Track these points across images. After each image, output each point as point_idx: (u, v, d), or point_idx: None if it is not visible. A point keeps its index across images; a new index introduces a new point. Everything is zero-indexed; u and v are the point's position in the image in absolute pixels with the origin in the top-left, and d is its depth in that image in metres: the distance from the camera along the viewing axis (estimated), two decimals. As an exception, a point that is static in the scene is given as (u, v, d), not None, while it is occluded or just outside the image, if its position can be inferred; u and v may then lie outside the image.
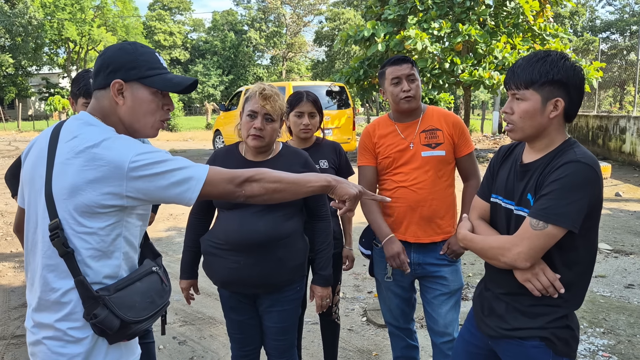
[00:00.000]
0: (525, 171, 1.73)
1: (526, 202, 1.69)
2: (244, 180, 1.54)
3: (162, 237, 6.62)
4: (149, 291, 1.56)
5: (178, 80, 1.56)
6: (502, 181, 1.83)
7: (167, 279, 1.69)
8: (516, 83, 1.67)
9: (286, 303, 2.33)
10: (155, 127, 1.59)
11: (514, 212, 1.74)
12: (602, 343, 3.63)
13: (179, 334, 3.86)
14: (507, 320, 1.75)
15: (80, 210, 1.43)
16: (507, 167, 1.83)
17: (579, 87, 1.65)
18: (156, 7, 59.27)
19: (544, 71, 1.62)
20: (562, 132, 1.70)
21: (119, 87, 1.50)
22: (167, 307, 1.68)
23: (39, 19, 38.26)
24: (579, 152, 1.64)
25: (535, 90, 1.64)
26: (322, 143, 2.89)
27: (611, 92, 22.08)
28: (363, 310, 4.26)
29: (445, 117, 2.62)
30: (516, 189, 1.74)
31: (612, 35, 47.18)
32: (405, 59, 2.57)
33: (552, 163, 1.65)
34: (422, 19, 13.32)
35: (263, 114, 2.22)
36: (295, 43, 57.83)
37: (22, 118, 34.55)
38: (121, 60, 1.51)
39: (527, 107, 1.65)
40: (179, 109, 29.20)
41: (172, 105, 1.61)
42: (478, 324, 1.89)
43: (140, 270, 1.58)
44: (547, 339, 1.68)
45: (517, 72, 1.67)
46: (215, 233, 2.30)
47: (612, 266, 5.30)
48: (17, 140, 22.04)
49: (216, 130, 16.30)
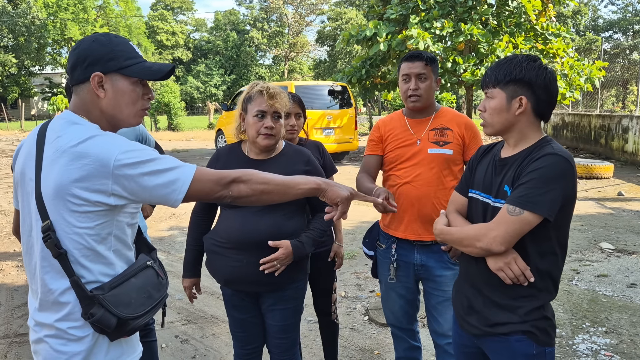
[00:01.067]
0: (503, 165, 1.83)
1: (503, 193, 1.77)
2: (231, 180, 1.52)
3: (164, 236, 6.63)
4: (145, 286, 1.56)
5: (157, 68, 1.55)
6: (480, 177, 1.92)
7: (164, 272, 1.69)
8: (486, 82, 1.83)
9: (288, 301, 2.34)
10: (138, 116, 1.57)
11: (491, 205, 1.82)
12: (605, 342, 3.63)
13: (182, 332, 3.87)
14: (487, 316, 1.81)
15: (69, 210, 1.42)
16: (485, 164, 1.93)
17: (545, 87, 1.74)
18: (158, 7, 59.34)
19: (507, 71, 1.76)
20: (535, 129, 1.80)
21: (99, 80, 1.48)
22: (165, 299, 1.68)
23: (42, 18, 38.35)
24: (556, 147, 1.74)
25: (501, 88, 1.78)
26: (306, 143, 2.93)
27: (614, 91, 22.04)
28: (365, 309, 4.26)
29: (457, 118, 2.62)
30: (494, 183, 1.83)
31: (615, 34, 47.08)
32: (420, 55, 2.53)
33: (529, 157, 1.74)
34: (424, 18, 13.30)
35: (272, 113, 2.23)
36: (297, 43, 57.83)
37: (25, 118, 34.60)
38: (98, 52, 1.48)
39: (494, 104, 1.80)
40: (181, 109, 29.20)
41: (151, 94, 1.60)
42: (461, 324, 1.94)
43: (135, 266, 1.57)
44: (529, 331, 1.75)
45: (488, 73, 1.83)
46: (217, 231, 2.31)
47: (615, 265, 5.30)
48: (20, 140, 22.06)
49: (218, 130, 16.32)
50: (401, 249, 2.63)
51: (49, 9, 40.40)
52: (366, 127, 26.19)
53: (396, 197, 2.55)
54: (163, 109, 28.51)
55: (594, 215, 7.52)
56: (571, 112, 17.00)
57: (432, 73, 2.55)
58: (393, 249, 2.64)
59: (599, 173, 10.44)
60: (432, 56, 2.55)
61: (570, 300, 4.39)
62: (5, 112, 34.87)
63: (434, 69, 2.57)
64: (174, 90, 29.26)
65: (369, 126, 26.14)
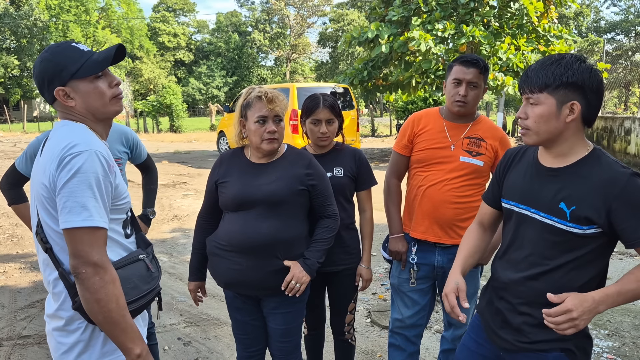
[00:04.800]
0: (553, 176, 1.67)
1: (559, 211, 1.63)
2: (93, 263, 1.47)
3: (166, 238, 6.64)
4: (131, 277, 1.62)
5: (104, 56, 1.61)
6: (516, 185, 1.78)
7: (156, 266, 1.76)
8: (530, 87, 1.63)
9: (290, 305, 2.33)
10: (112, 105, 1.65)
11: (539, 219, 1.68)
12: (607, 345, 3.63)
13: (184, 335, 3.87)
14: (526, 334, 1.71)
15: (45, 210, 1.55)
16: (522, 171, 1.79)
17: (596, 89, 1.59)
18: (160, 9, 59.42)
19: (558, 74, 1.58)
20: (582, 137, 1.66)
21: (64, 93, 1.59)
22: (155, 292, 1.73)
23: (44, 20, 38.44)
24: (618, 161, 1.63)
25: (550, 93, 1.60)
26: (342, 149, 2.71)
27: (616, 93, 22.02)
28: (367, 311, 4.27)
29: (493, 130, 2.60)
30: (542, 195, 1.68)
31: (617, 36, 47.06)
32: (476, 63, 2.48)
33: (590, 171, 1.61)
34: (426, 20, 13.31)
35: (273, 117, 2.23)
36: (299, 44, 57.89)
37: (28, 119, 34.66)
38: (49, 70, 1.58)
39: (541, 111, 1.61)
40: (183, 111, 29.22)
41: (117, 80, 1.67)
42: (490, 336, 1.85)
43: (126, 258, 1.64)
44: (568, 349, 1.68)
45: (531, 76, 1.63)
46: (219, 234, 2.32)
47: (617, 268, 5.29)
48: (22, 141, 22.12)
49: (220, 132, 16.31)
50: (421, 252, 2.63)
51: (52, 11, 40.51)
52: (368, 128, 26.19)
53: (420, 198, 2.60)
54: (165, 110, 28.53)
55: (596, 217, 7.50)
56: (573, 113, 16.94)
57: (483, 82, 2.53)
58: (413, 252, 2.65)
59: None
60: (486, 64, 2.52)
61: (573, 302, 4.39)
62: (7, 113, 34.94)
63: (485, 78, 2.54)
64: (176, 92, 29.27)
65: (370, 128, 26.13)
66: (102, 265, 1.48)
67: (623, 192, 1.55)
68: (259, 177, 2.26)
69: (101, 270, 1.48)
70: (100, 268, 1.48)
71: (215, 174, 2.38)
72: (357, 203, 2.78)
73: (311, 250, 2.29)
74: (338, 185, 2.56)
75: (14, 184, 2.60)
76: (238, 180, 2.28)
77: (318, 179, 2.33)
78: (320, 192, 2.33)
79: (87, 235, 1.47)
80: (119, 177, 1.63)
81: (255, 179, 2.26)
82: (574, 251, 1.63)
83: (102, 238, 1.51)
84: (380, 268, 5.29)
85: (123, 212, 1.67)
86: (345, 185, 2.64)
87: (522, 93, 1.68)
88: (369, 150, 17.33)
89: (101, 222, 1.50)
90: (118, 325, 1.51)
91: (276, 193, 2.22)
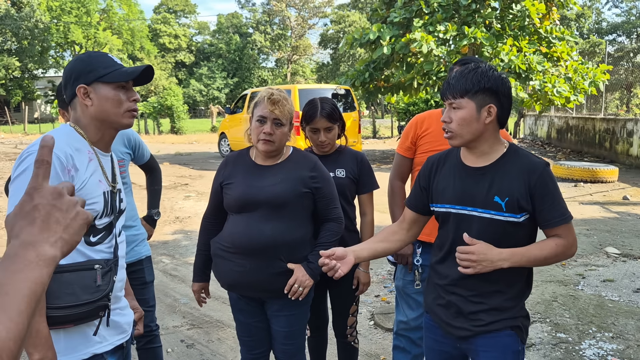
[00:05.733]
0: (482, 174, 1.84)
1: (494, 204, 1.80)
2: None
3: (168, 240, 6.63)
4: (72, 283, 1.60)
5: (132, 70, 1.70)
6: (447, 189, 1.91)
7: (108, 280, 1.69)
8: (452, 93, 1.81)
9: (294, 308, 2.32)
10: (126, 117, 1.71)
11: (477, 216, 1.83)
12: (611, 348, 3.61)
13: (187, 337, 3.86)
14: (481, 318, 1.86)
15: None
16: (448, 175, 1.93)
17: (507, 94, 1.81)
18: (161, 10, 59.49)
19: (476, 80, 1.77)
20: (498, 136, 1.87)
21: (84, 91, 1.66)
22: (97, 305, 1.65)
23: (46, 22, 38.51)
24: (535, 155, 1.87)
25: (470, 98, 1.78)
26: (344, 151, 2.73)
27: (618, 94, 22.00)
28: (370, 314, 4.25)
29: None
30: (475, 194, 1.84)
31: (619, 37, 47.02)
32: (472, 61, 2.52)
33: (512, 165, 1.82)
34: (427, 21, 13.30)
35: (272, 119, 2.22)
36: (300, 46, 57.93)
37: (29, 121, 34.68)
38: (78, 68, 1.67)
39: (463, 114, 1.79)
40: (184, 112, 29.24)
41: (136, 96, 1.74)
42: (445, 329, 1.96)
43: (77, 263, 1.63)
44: (517, 327, 1.86)
45: (452, 83, 1.81)
46: (223, 236, 2.31)
47: (621, 270, 5.28)
48: (24, 143, 22.13)
49: (221, 133, 16.32)
50: (426, 254, 2.64)
51: (53, 12, 40.57)
52: (369, 130, 26.18)
53: None
54: (166, 112, 28.56)
55: (599, 219, 7.50)
56: (575, 115, 16.96)
57: None
58: (418, 253, 2.67)
59: (603, 177, 10.40)
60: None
61: (577, 305, 4.38)
62: (8, 115, 34.97)
63: None
64: (177, 94, 29.31)
65: (372, 130, 26.13)
66: None
67: (540, 178, 1.77)
68: (263, 178, 2.26)
69: None
70: None
71: (221, 176, 2.38)
72: (359, 206, 2.77)
73: (315, 254, 2.27)
74: (339, 186, 2.56)
75: None
76: (242, 182, 2.27)
77: (323, 181, 2.32)
78: (325, 195, 2.32)
79: None
80: (85, 183, 1.63)
81: (259, 180, 2.26)
82: (511, 239, 1.81)
83: None
84: (383, 270, 5.28)
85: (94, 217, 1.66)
86: (346, 187, 2.64)
87: (444, 99, 1.85)
88: (371, 152, 17.32)
89: None
90: None
91: (279, 195, 2.21)
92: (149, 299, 2.78)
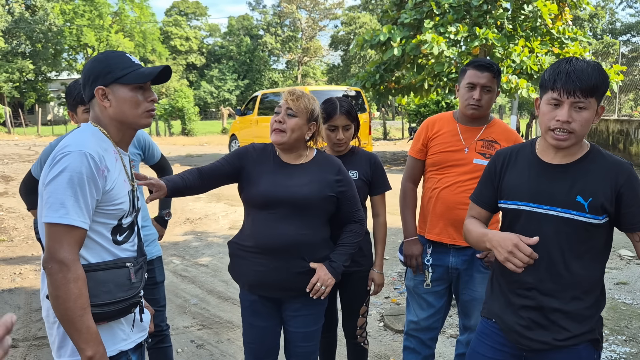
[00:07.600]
0: (563, 172, 1.72)
1: (576, 205, 1.68)
2: (59, 260, 1.53)
3: (179, 241, 6.66)
4: (107, 282, 1.63)
5: (149, 71, 1.71)
6: (520, 186, 1.78)
7: (140, 277, 1.75)
8: (582, 91, 1.60)
9: (312, 307, 2.31)
10: (144, 117, 1.73)
11: (555, 215, 1.71)
12: (624, 351, 3.57)
13: (197, 337, 3.88)
14: (560, 331, 1.75)
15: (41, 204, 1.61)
16: (522, 171, 1.80)
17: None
18: (173, 13, 59.90)
19: (601, 80, 1.63)
20: None
21: (102, 93, 1.67)
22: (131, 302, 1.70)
23: (59, 25, 38.93)
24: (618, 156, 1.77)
25: (596, 98, 1.64)
26: (357, 152, 2.73)
27: (632, 95, 21.78)
28: (380, 315, 4.24)
29: (507, 133, 2.63)
30: (555, 192, 1.71)
31: (633, 37, 46.54)
32: (490, 67, 2.51)
33: (597, 165, 1.71)
34: (438, 22, 13.27)
35: (286, 109, 2.22)
36: (310, 47, 57.98)
37: (42, 123, 35.05)
38: (97, 69, 1.68)
39: (589, 116, 1.64)
40: (195, 114, 29.38)
41: (154, 96, 1.75)
42: (514, 338, 1.82)
43: (109, 262, 1.66)
44: (595, 339, 1.77)
45: (583, 79, 1.60)
46: (242, 236, 2.30)
47: (635, 273, 5.22)
48: (37, 144, 22.36)
49: (232, 135, 16.38)
50: (436, 253, 2.65)
51: (66, 15, 40.98)
52: (380, 132, 26.14)
53: (434, 200, 2.63)
54: (177, 114, 28.72)
55: (612, 221, 7.41)
56: (587, 116, 16.76)
57: (497, 85, 2.57)
58: (428, 253, 2.67)
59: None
60: (499, 69, 2.56)
61: (589, 308, 4.33)
62: (22, 117, 35.36)
63: (498, 81, 2.59)
64: (188, 95, 29.46)
65: (382, 131, 26.08)
66: (67, 263, 1.52)
67: (629, 179, 1.67)
68: (289, 178, 2.24)
69: (65, 268, 1.52)
70: (65, 266, 1.52)
71: (244, 159, 2.29)
72: (371, 207, 2.77)
73: (337, 253, 2.28)
74: None
75: (31, 189, 2.63)
76: (269, 179, 2.24)
77: (347, 185, 2.32)
78: (349, 198, 2.32)
79: (60, 232, 1.53)
80: (115, 183, 1.65)
81: (287, 179, 2.23)
82: (588, 242, 1.71)
83: (76, 237, 1.55)
84: (393, 272, 5.26)
85: (113, 217, 1.67)
86: (359, 189, 2.62)
87: (568, 96, 1.62)
88: (381, 153, 17.29)
89: (78, 222, 1.54)
90: (73, 324, 1.53)
91: (307, 197, 2.20)
92: (160, 299, 2.79)
